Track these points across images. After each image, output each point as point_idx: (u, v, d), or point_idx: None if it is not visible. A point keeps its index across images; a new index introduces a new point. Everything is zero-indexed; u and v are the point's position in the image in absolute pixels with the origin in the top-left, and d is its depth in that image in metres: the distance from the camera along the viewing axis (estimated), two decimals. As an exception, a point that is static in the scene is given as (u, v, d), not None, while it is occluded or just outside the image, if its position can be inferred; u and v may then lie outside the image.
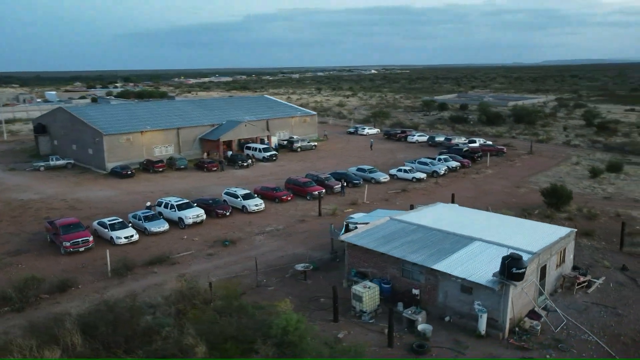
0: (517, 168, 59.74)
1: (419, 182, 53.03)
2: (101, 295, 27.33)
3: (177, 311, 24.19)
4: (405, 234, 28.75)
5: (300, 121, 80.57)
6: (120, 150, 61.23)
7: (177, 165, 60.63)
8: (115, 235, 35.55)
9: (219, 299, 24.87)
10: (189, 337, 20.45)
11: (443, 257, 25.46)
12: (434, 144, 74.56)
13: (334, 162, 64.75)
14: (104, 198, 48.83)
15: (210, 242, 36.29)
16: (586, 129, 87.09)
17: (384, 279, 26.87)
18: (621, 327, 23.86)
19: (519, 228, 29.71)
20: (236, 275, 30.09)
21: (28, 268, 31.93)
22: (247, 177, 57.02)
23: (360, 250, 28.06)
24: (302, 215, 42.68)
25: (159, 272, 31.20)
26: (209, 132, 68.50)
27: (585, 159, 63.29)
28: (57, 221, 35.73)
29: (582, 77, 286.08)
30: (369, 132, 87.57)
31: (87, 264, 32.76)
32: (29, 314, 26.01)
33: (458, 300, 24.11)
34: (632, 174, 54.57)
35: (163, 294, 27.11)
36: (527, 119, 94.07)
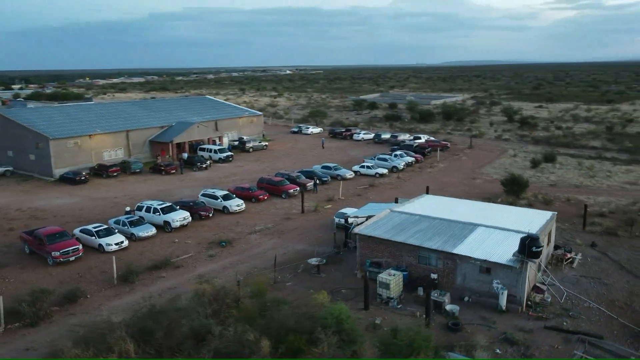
0: (464, 161, 64.20)
1: (382, 177, 55.46)
2: (108, 303, 26.51)
3: (214, 312, 24.20)
4: (412, 224, 30.61)
5: (248, 121, 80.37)
6: (67, 156, 57.80)
7: (132, 169, 58.40)
8: (105, 243, 34.12)
9: (250, 296, 25.21)
10: (249, 332, 20.78)
11: (458, 242, 27.61)
12: (380, 142, 77.71)
13: (291, 161, 65.60)
14: (66, 206, 46.16)
15: (204, 244, 35.93)
16: (509, 124, 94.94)
17: (400, 267, 28.52)
18: (612, 294, 27.35)
19: (507, 213, 32.71)
20: (248, 274, 30.30)
21: (19, 282, 29.97)
22: (210, 179, 56.32)
23: (374, 241, 29.50)
24: (284, 213, 43.29)
25: (167, 277, 30.61)
26: (160, 134, 66.49)
27: (520, 151, 69.32)
28: (40, 231, 33.59)
29: (485, 77, 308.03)
30: (313, 132, 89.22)
31: (83, 273, 31.30)
32: (44, 328, 24.76)
33: (476, 280, 26.33)
34: (564, 163, 60.79)
35: (185, 296, 26.87)
36: (456, 116, 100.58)
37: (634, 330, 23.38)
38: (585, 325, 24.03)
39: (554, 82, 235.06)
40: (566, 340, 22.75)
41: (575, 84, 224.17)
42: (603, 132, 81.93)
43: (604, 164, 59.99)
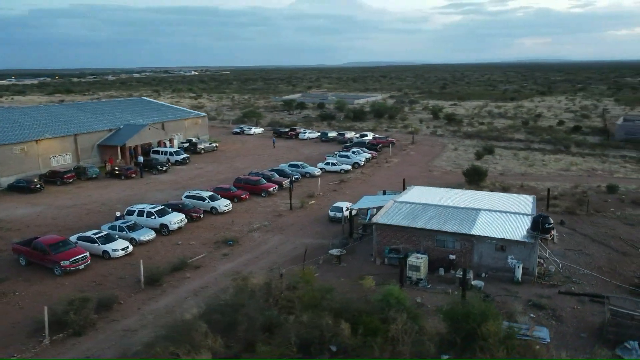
0: (413, 156, 68.52)
1: (347, 173, 57.90)
2: (143, 306, 26.30)
3: (270, 304, 24.97)
4: (420, 212, 33.24)
5: (193, 123, 79.05)
6: (13, 163, 53.78)
7: (89, 175, 55.62)
8: (110, 249, 33.06)
9: (298, 287, 26.31)
10: (326, 317, 22.04)
11: (471, 225, 30.64)
12: (326, 140, 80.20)
13: (248, 162, 65.97)
14: (33, 216, 43.33)
15: (210, 244, 36.00)
16: (436, 121, 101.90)
17: (418, 251, 31.00)
18: (596, 261, 31.87)
19: (496, 199, 36.45)
20: (272, 269, 31.16)
21: (32, 294, 28.41)
22: (176, 182, 55.33)
23: (391, 229, 31.70)
24: (272, 211, 44.15)
25: (191, 277, 30.56)
26: (108, 138, 63.70)
27: (458, 145, 75.22)
28: (40, 241, 31.76)
29: (392, 77, 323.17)
30: (256, 132, 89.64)
31: (98, 280, 30.28)
32: (92, 337, 24.07)
33: (492, 258, 29.51)
34: (502, 154, 67.17)
35: (224, 293, 27.29)
36: (386, 114, 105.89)
37: (628, 289, 27.77)
38: (589, 288, 28.06)
39: (456, 82, 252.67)
40: (580, 302, 26.51)
41: (474, 83, 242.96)
42: (520, 126, 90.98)
43: (534, 154, 67.19)
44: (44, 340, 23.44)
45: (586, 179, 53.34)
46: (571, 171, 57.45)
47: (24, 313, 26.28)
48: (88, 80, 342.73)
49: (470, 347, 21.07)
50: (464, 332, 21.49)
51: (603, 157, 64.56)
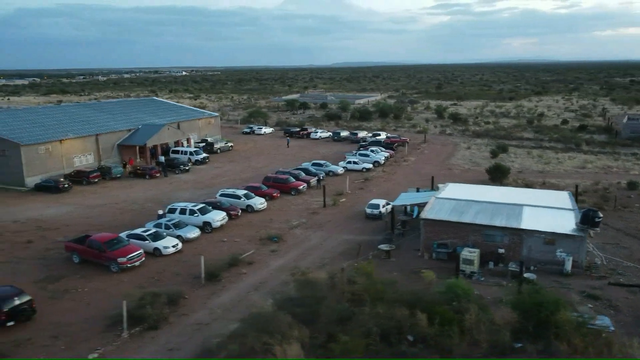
0: (428, 155, 69.54)
1: (368, 171, 58.72)
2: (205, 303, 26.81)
3: (337, 296, 25.66)
4: (465, 207, 34.13)
5: (206, 123, 79.35)
6: (38, 163, 53.76)
7: (113, 174, 55.78)
8: (162, 246, 33.51)
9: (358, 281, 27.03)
10: (403, 308, 22.81)
11: (518, 220, 31.61)
12: (339, 140, 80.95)
13: (266, 161, 66.58)
14: (66, 215, 43.53)
15: (255, 241, 36.55)
16: (441, 120, 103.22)
17: (467, 245, 31.89)
18: (635, 254, 33.03)
19: (533, 195, 37.52)
20: (323, 264, 31.86)
21: (95, 291, 28.77)
22: (200, 181, 55.76)
23: (439, 224, 32.58)
24: (306, 208, 44.79)
25: (247, 273, 31.12)
26: (128, 138, 63.82)
27: (470, 144, 76.43)
28: (95, 238, 32.10)
29: (385, 78, 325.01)
30: (266, 132, 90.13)
31: (156, 276, 30.72)
32: (168, 330, 24.58)
33: (540, 251, 30.49)
34: (516, 153, 68.45)
35: (286, 287, 27.97)
36: (392, 113, 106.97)
37: (673, 280, 28.92)
38: (636, 280, 29.16)
39: (450, 82, 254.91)
40: (631, 292, 27.58)
41: (468, 83, 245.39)
42: (526, 126, 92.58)
43: (547, 152, 68.60)
44: (123, 334, 23.89)
45: (604, 176, 54.77)
46: (587, 169, 58.86)
47: (93, 308, 26.67)
48: (79, 81, 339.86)
49: (543, 335, 21.99)
50: (535, 321, 22.41)
51: (614, 154, 66.16)
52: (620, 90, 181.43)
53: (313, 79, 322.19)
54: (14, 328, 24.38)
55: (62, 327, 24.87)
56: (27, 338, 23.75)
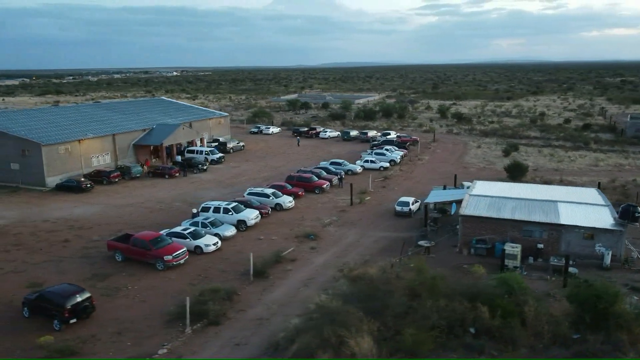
0: (440, 154, 70.29)
1: (386, 170, 59.33)
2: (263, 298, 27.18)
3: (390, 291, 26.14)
4: (500, 204, 34.83)
5: (217, 123, 79.46)
6: (58, 163, 53.64)
7: (133, 174, 55.81)
8: (203, 244, 33.80)
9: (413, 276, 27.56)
10: (463, 301, 23.38)
11: (556, 215, 32.36)
12: (349, 139, 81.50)
13: (281, 160, 66.95)
14: (97, 214, 43.60)
15: (291, 239, 36.93)
16: (445, 119, 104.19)
17: (506, 241, 32.56)
18: (667, 248, 34.00)
19: (562, 191, 38.34)
20: (366, 260, 32.35)
21: (143, 288, 29.06)
22: (220, 180, 55.99)
23: (477, 221, 33.22)
24: (333, 206, 45.25)
25: (293, 269, 31.52)
26: (144, 138, 63.79)
27: (480, 143, 77.36)
28: (139, 237, 32.33)
29: (379, 78, 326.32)
30: (274, 131, 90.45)
31: (202, 273, 31.00)
32: (229, 325, 24.95)
33: (579, 245, 31.27)
34: (527, 151, 69.42)
35: (335, 283, 28.45)
36: (395, 113, 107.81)
37: None
38: (673, 273, 30.05)
39: (444, 82, 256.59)
40: (670, 284, 28.43)
41: (462, 83, 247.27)
42: (530, 125, 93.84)
43: (557, 151, 69.72)
44: (186, 330, 24.19)
45: (618, 174, 55.86)
46: (600, 166, 60.01)
47: (149, 305, 26.92)
48: (69, 81, 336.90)
49: (601, 326, 22.66)
50: (593, 313, 23.09)
51: (624, 153, 67.44)
52: (613, 89, 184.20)
53: (307, 79, 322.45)
54: (77, 325, 24.56)
55: (123, 323, 25.12)
56: (91, 335, 23.97)
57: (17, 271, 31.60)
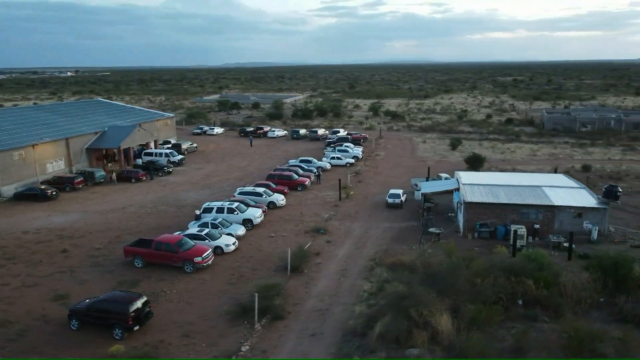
0: (393, 149, 73.64)
1: (352, 166, 61.39)
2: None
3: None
4: (495, 191, 38.17)
5: (164, 124, 76.76)
6: (12, 170, 49.44)
7: (97, 180, 52.79)
8: (224, 244, 33.51)
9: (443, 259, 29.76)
10: (511, 278, 25.91)
11: (547, 198, 36.24)
12: (298, 137, 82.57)
13: (245, 160, 66.74)
14: (82, 222, 41.09)
15: (301, 234, 37.62)
16: (378, 117, 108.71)
17: (507, 224, 35.90)
18: (631, 222, 39.27)
19: (537, 178, 42.71)
20: (386, 249, 34.08)
21: (181, 291, 28.53)
22: (194, 182, 54.82)
23: (480, 207, 36.22)
24: (323, 202, 46.39)
25: (322, 263, 32.34)
26: (98, 141, 60.32)
27: (423, 138, 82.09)
28: (163, 240, 31.35)
29: (290, 78, 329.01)
30: (219, 132, 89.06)
31: (234, 272, 30.88)
32: (292, 319, 25.42)
33: (570, 224, 35.33)
34: (470, 144, 74.99)
35: (372, 271, 29.90)
36: (331, 112, 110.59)
37: (674, 240, 35.26)
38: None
39: (356, 82, 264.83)
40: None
41: (374, 83, 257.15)
42: (458, 120, 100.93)
43: (495, 143, 76.10)
44: (255, 326, 24.34)
45: (556, 162, 62.53)
46: (538, 156, 66.72)
47: (198, 307, 26.56)
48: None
49: (622, 289, 26.28)
50: (614, 278, 26.68)
51: (552, 143, 75.31)
52: (511, 88, 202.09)
53: (218, 79, 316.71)
54: (137, 332, 23.73)
55: (184, 326, 24.66)
56: (159, 340, 23.34)
57: (29, 285, 29.38)
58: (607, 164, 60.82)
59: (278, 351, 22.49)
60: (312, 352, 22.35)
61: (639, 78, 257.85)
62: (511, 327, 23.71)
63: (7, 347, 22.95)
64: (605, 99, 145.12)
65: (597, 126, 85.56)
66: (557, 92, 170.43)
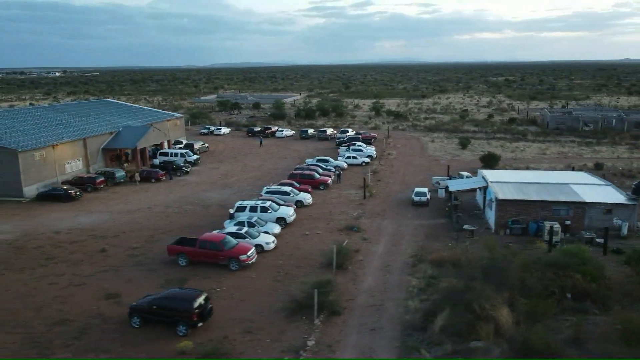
0: (403, 149, 74.20)
1: (368, 165, 61.91)
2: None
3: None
4: (524, 188, 38.91)
5: (173, 124, 76.66)
6: (34, 170, 49.20)
7: (117, 180, 52.70)
8: (264, 242, 33.81)
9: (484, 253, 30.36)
10: (558, 272, 26.58)
11: (576, 195, 37.05)
12: (306, 137, 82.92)
13: (259, 160, 67.10)
14: (112, 223, 41.13)
15: (335, 232, 38.03)
16: (380, 117, 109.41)
17: (538, 221, 36.64)
18: (653, 219, 40.28)
19: (561, 175, 43.62)
20: (422, 246, 34.64)
21: (231, 288, 28.75)
22: (213, 182, 54.98)
23: (512, 204, 36.91)
24: (348, 200, 46.84)
25: (364, 259, 32.78)
26: (112, 141, 60.18)
27: (431, 137, 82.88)
28: (208, 239, 31.55)
29: (283, 78, 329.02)
30: (225, 132, 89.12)
31: (280, 270, 31.19)
32: (349, 314, 25.81)
33: (600, 220, 36.16)
34: (479, 143, 75.86)
35: (414, 267, 30.42)
36: (333, 112, 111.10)
37: (699, 234, 36.29)
38: (674, 237, 36.04)
39: (349, 82, 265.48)
40: (679, 246, 34.18)
41: (368, 83, 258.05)
42: (461, 120, 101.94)
43: (503, 142, 77.10)
44: (315, 321, 24.70)
45: (566, 160, 63.62)
46: (547, 155, 67.80)
47: (252, 304, 26.82)
48: None
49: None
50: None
51: (558, 142, 76.53)
52: (505, 88, 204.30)
53: (211, 79, 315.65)
54: (200, 329, 23.94)
55: (244, 322, 24.94)
56: (224, 336, 23.59)
57: (77, 284, 29.43)
58: (617, 162, 62.01)
59: (342, 346, 22.88)
60: (376, 346, 22.79)
61: (628, 78, 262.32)
62: (564, 320, 24.39)
63: (71, 345, 23.05)
64: (599, 99, 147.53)
65: (600, 125, 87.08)
66: (551, 92, 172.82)
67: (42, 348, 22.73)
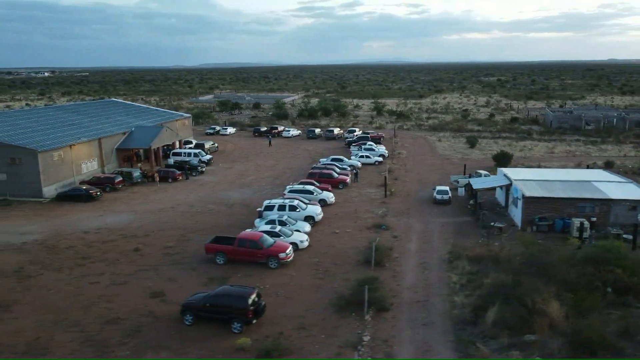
0: (412, 148, 74.73)
1: (381, 164, 62.35)
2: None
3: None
4: (549, 186, 39.54)
5: (182, 124, 76.52)
6: (53, 170, 48.96)
7: (134, 179, 52.58)
8: (299, 240, 34.07)
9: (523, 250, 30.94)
10: (599, 267, 27.17)
11: (600, 192, 37.77)
12: (314, 137, 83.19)
13: (271, 159, 67.21)
14: (139, 222, 41.10)
15: (364, 230, 38.37)
16: (383, 117, 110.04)
17: (564, 217, 37.30)
18: (672, 215, 41.15)
19: (580, 173, 44.37)
20: (451, 243, 35.14)
21: (275, 286, 29.00)
22: (231, 181, 55.02)
23: (538, 201, 37.53)
24: (369, 199, 47.21)
25: (399, 257, 33.15)
26: (126, 141, 59.98)
27: (438, 137, 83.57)
28: (247, 237, 31.73)
29: (276, 78, 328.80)
30: (231, 132, 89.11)
31: (317, 268, 31.47)
32: (397, 310, 26.15)
33: (624, 216, 36.92)
34: (487, 142, 76.63)
35: (449, 264, 30.90)
36: (335, 112, 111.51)
37: None
38: (696, 232, 36.84)
39: (343, 82, 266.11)
40: None
41: (362, 83, 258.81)
42: (464, 120, 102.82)
43: (509, 141, 77.99)
44: (365, 317, 25.03)
45: (575, 158, 64.60)
46: (556, 153, 68.74)
47: (298, 300, 27.07)
48: None
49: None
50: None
51: (565, 141, 77.60)
52: (499, 88, 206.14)
53: (204, 79, 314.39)
54: (254, 326, 24.16)
55: (295, 319, 25.19)
56: (279, 333, 23.82)
57: (119, 283, 29.47)
58: (626, 160, 63.09)
59: (398, 340, 23.23)
60: (432, 340, 23.17)
61: (617, 78, 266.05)
62: (608, 314, 24.96)
63: (128, 343, 23.14)
64: (594, 99, 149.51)
65: (602, 125, 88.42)
66: (546, 92, 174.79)
67: (100, 346, 22.80)
